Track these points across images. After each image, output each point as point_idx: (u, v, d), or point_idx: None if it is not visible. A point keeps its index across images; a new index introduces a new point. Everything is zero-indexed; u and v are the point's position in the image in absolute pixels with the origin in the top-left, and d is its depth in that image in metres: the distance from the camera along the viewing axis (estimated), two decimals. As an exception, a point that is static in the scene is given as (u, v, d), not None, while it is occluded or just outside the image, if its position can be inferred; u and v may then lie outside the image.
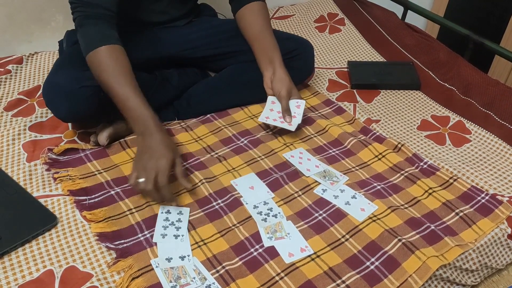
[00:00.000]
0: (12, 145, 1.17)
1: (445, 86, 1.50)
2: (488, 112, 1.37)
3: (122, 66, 1.06)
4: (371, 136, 1.26)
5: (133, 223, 0.98)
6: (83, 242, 0.94)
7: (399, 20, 1.85)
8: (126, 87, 1.04)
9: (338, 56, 1.65)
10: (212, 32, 1.36)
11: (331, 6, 1.91)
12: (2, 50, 1.56)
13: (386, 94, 1.46)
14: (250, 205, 1.03)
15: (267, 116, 1.22)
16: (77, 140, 1.21)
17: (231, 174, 1.12)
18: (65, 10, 1.60)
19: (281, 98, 1.22)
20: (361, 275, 0.89)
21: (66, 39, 1.30)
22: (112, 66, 1.05)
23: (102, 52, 1.05)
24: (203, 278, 0.88)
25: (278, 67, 1.25)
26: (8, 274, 0.87)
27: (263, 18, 1.33)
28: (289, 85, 1.23)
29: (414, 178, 1.12)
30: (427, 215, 1.03)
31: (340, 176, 1.12)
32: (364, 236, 0.97)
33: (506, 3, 2.05)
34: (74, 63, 1.12)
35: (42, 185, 1.07)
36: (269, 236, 0.96)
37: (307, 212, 1.03)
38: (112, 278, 0.88)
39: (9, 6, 1.52)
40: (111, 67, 1.05)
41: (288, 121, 1.21)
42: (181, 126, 1.26)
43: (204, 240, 0.95)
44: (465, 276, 0.98)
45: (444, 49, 1.66)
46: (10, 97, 1.35)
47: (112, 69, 1.05)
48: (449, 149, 1.25)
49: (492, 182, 1.12)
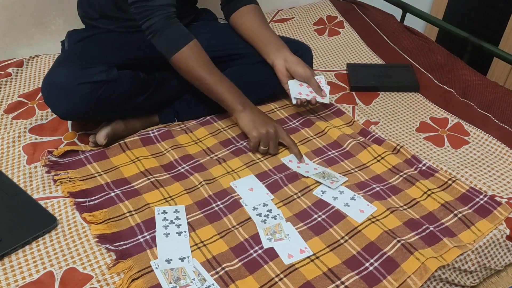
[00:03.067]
0: (12, 147, 1.18)
1: (444, 88, 1.50)
2: (487, 114, 1.37)
3: (205, 58, 1.18)
4: (370, 138, 1.27)
5: (133, 224, 0.98)
6: (83, 244, 0.95)
7: (398, 23, 1.85)
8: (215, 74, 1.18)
9: (337, 59, 1.66)
10: (213, 35, 1.37)
11: (330, 9, 1.92)
12: (3, 53, 1.57)
13: (385, 96, 1.47)
14: (249, 206, 1.03)
15: (299, 92, 1.27)
16: (77, 142, 1.21)
17: (231, 176, 1.12)
18: (65, 14, 1.60)
19: (307, 77, 1.27)
20: (360, 276, 0.89)
21: (68, 39, 1.31)
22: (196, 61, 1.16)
23: (186, 51, 1.15)
24: (203, 280, 0.88)
25: (289, 54, 1.29)
26: (8, 275, 0.88)
27: (260, 18, 1.34)
28: (307, 65, 1.28)
29: (413, 179, 1.12)
30: (426, 217, 1.03)
31: (340, 176, 1.12)
32: (363, 237, 0.97)
33: (504, 6, 2.06)
34: (74, 61, 1.12)
35: (42, 187, 1.07)
36: (268, 237, 0.96)
37: (307, 213, 1.03)
38: (112, 280, 0.88)
39: (10, 9, 1.53)
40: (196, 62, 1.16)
41: (324, 95, 1.27)
42: (180, 128, 1.27)
43: (203, 241, 0.96)
44: (464, 277, 0.99)
45: (443, 52, 1.66)
46: (11, 100, 1.36)
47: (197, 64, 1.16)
48: (447, 150, 1.25)
49: (490, 183, 1.13)
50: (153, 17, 1.13)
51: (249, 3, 1.36)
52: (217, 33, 1.38)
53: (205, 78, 1.16)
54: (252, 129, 1.16)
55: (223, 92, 1.17)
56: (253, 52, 1.33)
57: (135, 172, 1.11)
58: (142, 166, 1.12)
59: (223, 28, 1.40)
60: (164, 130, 1.24)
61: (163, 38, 1.15)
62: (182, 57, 1.15)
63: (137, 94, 1.19)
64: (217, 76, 1.18)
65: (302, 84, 1.28)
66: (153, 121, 1.29)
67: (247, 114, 1.17)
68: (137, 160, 1.14)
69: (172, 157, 1.16)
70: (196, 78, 1.17)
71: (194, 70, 1.16)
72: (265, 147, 1.16)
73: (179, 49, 1.15)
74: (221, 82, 1.18)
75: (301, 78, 1.27)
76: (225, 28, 1.40)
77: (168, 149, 1.18)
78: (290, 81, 1.28)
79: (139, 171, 1.11)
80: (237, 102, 1.18)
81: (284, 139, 1.18)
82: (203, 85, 1.18)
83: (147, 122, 1.27)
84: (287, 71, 1.28)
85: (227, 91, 1.17)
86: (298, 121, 1.31)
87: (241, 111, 1.18)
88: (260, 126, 1.15)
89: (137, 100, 1.20)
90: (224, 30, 1.39)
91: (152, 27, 1.14)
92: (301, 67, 1.26)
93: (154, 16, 1.13)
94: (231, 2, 1.37)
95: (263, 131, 1.15)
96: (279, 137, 1.18)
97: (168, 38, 1.15)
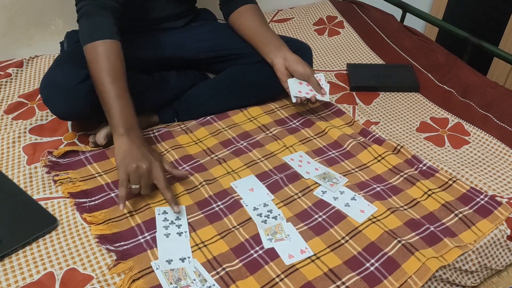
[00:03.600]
0: (12, 148, 1.18)
1: (444, 88, 1.50)
2: (487, 114, 1.37)
3: (116, 64, 1.05)
4: (370, 138, 1.27)
5: (133, 225, 0.98)
6: (83, 244, 0.95)
7: (398, 23, 1.85)
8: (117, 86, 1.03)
9: (337, 59, 1.66)
10: (212, 35, 1.37)
11: (330, 9, 1.92)
12: (2, 54, 1.57)
13: (385, 96, 1.47)
14: (250, 207, 1.03)
15: (299, 90, 1.26)
16: (77, 142, 1.21)
17: (231, 176, 1.12)
18: (65, 14, 1.60)
19: (307, 76, 1.26)
20: (361, 276, 0.89)
21: (67, 40, 1.31)
22: (105, 62, 1.04)
23: (100, 46, 1.04)
24: (203, 280, 0.88)
25: (288, 52, 1.28)
26: (9, 276, 0.88)
27: (259, 17, 1.34)
28: (306, 63, 1.27)
29: (413, 179, 1.12)
30: (426, 217, 1.03)
31: (340, 177, 1.12)
32: (363, 237, 0.97)
33: (504, 6, 2.06)
34: (72, 61, 1.12)
35: (43, 188, 1.07)
36: (269, 237, 0.96)
37: (307, 213, 1.03)
38: (112, 280, 0.88)
39: (9, 9, 1.53)
40: (104, 63, 1.03)
41: (324, 93, 1.26)
42: (181, 128, 1.26)
43: (204, 242, 0.96)
44: (464, 277, 0.99)
45: (443, 52, 1.66)
46: (11, 100, 1.36)
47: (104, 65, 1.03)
48: (448, 150, 1.25)
49: (491, 183, 1.13)
50: (82, 1, 1.08)
51: (248, 3, 1.36)
52: (216, 33, 1.38)
53: (104, 84, 1.03)
54: (122, 161, 0.99)
55: (113, 108, 1.02)
56: (252, 51, 1.33)
57: (135, 172, 1.11)
58: (143, 166, 1.12)
59: (223, 28, 1.40)
60: (164, 130, 1.24)
61: (86, 23, 1.07)
62: (92, 50, 1.04)
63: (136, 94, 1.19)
64: (118, 88, 1.03)
65: (301, 82, 1.28)
66: (153, 121, 1.29)
67: (124, 141, 1.01)
68: (137, 160, 1.14)
69: (173, 157, 1.16)
70: (95, 80, 1.04)
71: (98, 70, 1.03)
72: (135, 184, 0.99)
73: (93, 40, 1.04)
74: (118, 97, 1.03)
75: (301, 77, 1.27)
76: (224, 28, 1.40)
77: (168, 149, 1.18)
78: (290, 79, 1.28)
79: (140, 171, 1.11)
80: (121, 125, 1.02)
81: (158, 181, 0.99)
82: (98, 90, 1.04)
83: (147, 122, 1.27)
84: (287, 70, 1.28)
85: (118, 108, 1.02)
86: (298, 121, 1.31)
87: (121, 135, 1.02)
88: (132, 159, 0.98)
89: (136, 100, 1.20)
90: (224, 30, 1.39)
91: (83, 10, 1.08)
92: (300, 65, 1.26)
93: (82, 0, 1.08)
94: (230, 2, 1.37)
95: (133, 165, 0.97)
96: (153, 176, 1.00)
97: (90, 25, 1.07)
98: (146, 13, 1.30)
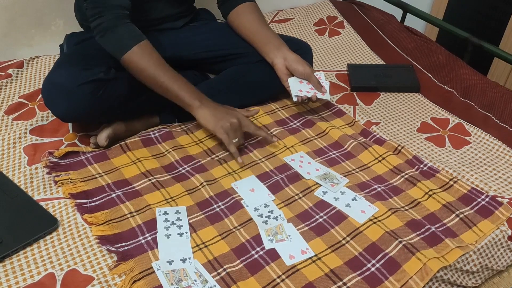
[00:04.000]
0: (13, 149, 1.18)
1: (445, 88, 1.50)
2: (488, 114, 1.37)
3: (157, 57, 1.14)
4: (371, 138, 1.27)
5: (134, 226, 0.98)
6: (84, 245, 0.94)
7: (398, 23, 1.85)
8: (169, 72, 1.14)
9: (338, 59, 1.66)
10: (212, 35, 1.37)
11: (331, 10, 1.91)
12: (3, 54, 1.57)
13: (386, 97, 1.47)
14: (250, 207, 1.03)
15: (300, 89, 1.26)
16: (78, 143, 1.21)
17: (232, 176, 1.12)
18: (65, 15, 1.60)
19: (307, 75, 1.26)
20: (362, 277, 0.89)
21: (67, 42, 1.31)
22: (150, 60, 1.12)
23: (138, 50, 1.12)
24: (204, 281, 0.88)
25: (288, 52, 1.28)
26: (10, 277, 0.87)
27: (258, 16, 1.34)
28: (306, 63, 1.28)
29: (414, 180, 1.12)
30: (427, 217, 1.03)
31: (341, 178, 1.12)
32: (364, 238, 0.97)
33: (504, 6, 2.06)
34: (73, 62, 1.12)
35: (43, 189, 1.07)
36: (270, 238, 0.96)
37: (308, 214, 1.03)
38: (113, 281, 0.88)
39: (10, 10, 1.53)
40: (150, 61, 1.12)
41: (324, 91, 1.26)
42: (181, 129, 1.26)
43: (205, 242, 0.95)
44: (465, 278, 0.99)
45: (443, 52, 1.66)
46: (11, 101, 1.36)
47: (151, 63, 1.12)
48: (449, 151, 1.25)
49: (492, 183, 1.13)
50: (105, 15, 1.11)
51: (246, 1, 1.36)
52: (216, 33, 1.38)
53: (159, 76, 1.12)
54: (215, 125, 1.12)
55: (179, 90, 1.13)
56: (252, 51, 1.33)
57: (136, 173, 1.11)
58: (143, 167, 1.12)
59: (222, 27, 1.40)
60: (164, 130, 1.24)
61: (113, 37, 1.12)
62: (134, 56, 1.11)
63: (137, 94, 1.19)
64: (171, 74, 1.14)
65: (302, 81, 1.28)
66: (153, 122, 1.28)
67: (205, 110, 1.13)
68: (138, 161, 1.14)
69: (173, 158, 1.16)
70: (149, 77, 1.13)
71: (147, 69, 1.12)
72: (235, 138, 1.12)
73: (130, 48, 1.11)
74: (176, 79, 1.13)
75: (301, 76, 1.27)
76: (223, 28, 1.40)
77: (169, 150, 1.18)
78: (290, 78, 1.28)
79: (140, 172, 1.11)
80: (193, 98, 1.13)
81: (248, 127, 1.15)
82: (157, 84, 1.13)
83: (148, 123, 1.27)
84: (287, 69, 1.28)
85: (182, 88, 1.13)
86: (299, 122, 1.31)
87: (199, 106, 1.13)
88: (222, 120, 1.12)
89: (137, 101, 1.20)
90: (223, 30, 1.39)
91: (103, 25, 1.11)
92: (300, 65, 1.26)
93: (105, 14, 1.10)
94: (227, 1, 1.37)
95: (227, 123, 1.11)
96: (244, 126, 1.15)
97: (119, 37, 1.12)
98: (145, 14, 1.30)
